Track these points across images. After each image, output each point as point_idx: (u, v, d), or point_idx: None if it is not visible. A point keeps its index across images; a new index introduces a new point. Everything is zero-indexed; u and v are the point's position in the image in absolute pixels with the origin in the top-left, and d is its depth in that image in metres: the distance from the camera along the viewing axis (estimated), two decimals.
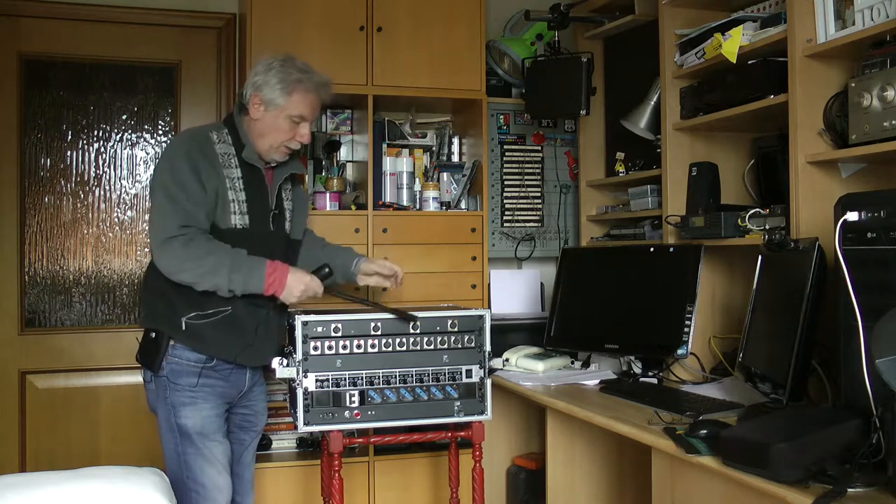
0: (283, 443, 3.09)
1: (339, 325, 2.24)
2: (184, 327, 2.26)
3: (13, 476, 1.96)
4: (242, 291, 2.21)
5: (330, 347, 2.23)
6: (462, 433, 2.43)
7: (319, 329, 2.22)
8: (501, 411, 3.27)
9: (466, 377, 2.35)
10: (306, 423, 2.21)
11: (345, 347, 2.24)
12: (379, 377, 2.27)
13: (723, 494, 1.74)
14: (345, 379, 2.24)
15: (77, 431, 3.30)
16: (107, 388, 3.33)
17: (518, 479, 3.27)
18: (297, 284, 2.24)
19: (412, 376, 2.30)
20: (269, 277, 2.21)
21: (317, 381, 2.22)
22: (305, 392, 2.21)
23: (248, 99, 2.34)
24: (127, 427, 3.31)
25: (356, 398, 2.24)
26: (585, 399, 2.43)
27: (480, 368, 2.36)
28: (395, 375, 2.28)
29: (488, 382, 2.36)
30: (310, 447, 3.08)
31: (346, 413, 2.24)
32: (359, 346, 2.25)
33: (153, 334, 2.30)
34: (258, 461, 2.87)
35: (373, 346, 2.26)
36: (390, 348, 2.28)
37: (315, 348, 2.22)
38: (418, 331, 2.30)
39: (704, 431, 1.83)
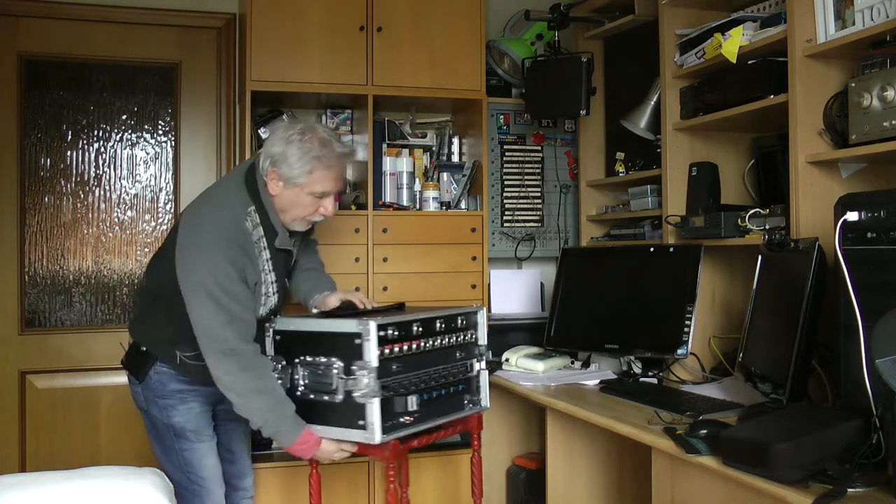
0: None
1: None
2: (178, 361, 2.28)
3: (13, 476, 1.97)
4: (268, 435, 2.23)
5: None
6: (461, 425, 2.46)
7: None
8: (501, 411, 3.27)
9: (469, 371, 2.41)
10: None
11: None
12: (419, 380, 2.26)
13: (723, 494, 1.74)
14: (400, 384, 2.19)
15: (77, 431, 3.30)
16: (107, 388, 3.33)
17: (518, 479, 3.27)
18: (324, 455, 2.24)
19: (434, 376, 2.31)
20: (300, 444, 2.20)
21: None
22: None
23: (265, 172, 2.22)
24: (127, 427, 3.31)
25: (413, 403, 2.20)
26: (585, 399, 2.43)
27: (478, 362, 2.42)
28: (428, 376, 2.28)
29: (485, 374, 2.41)
30: None
31: (402, 419, 2.19)
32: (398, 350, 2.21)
33: (144, 348, 2.32)
34: (257, 461, 2.89)
35: (408, 349, 2.23)
36: (411, 351, 2.24)
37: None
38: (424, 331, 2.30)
39: (704, 431, 1.83)
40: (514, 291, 3.49)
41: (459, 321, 2.40)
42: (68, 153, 3.37)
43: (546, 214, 3.61)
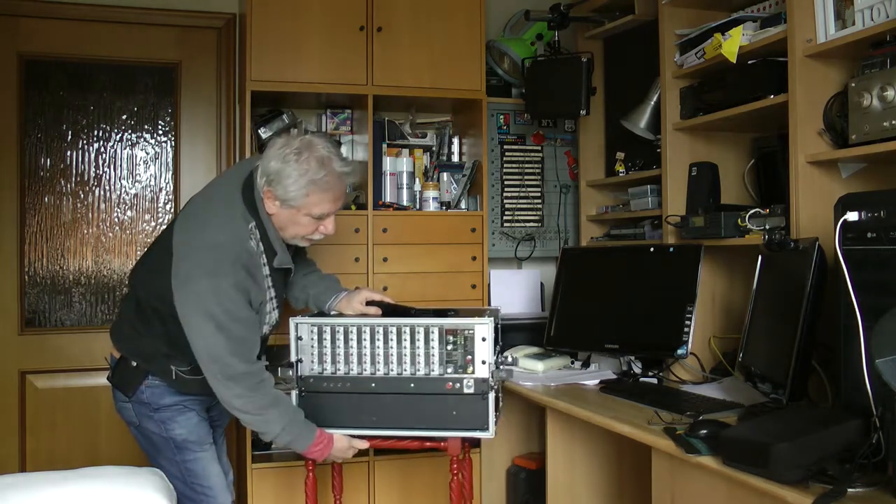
0: None
1: None
2: (174, 376, 2.19)
3: (13, 476, 1.96)
4: (283, 446, 2.26)
5: None
6: None
7: None
8: (501, 411, 3.27)
9: None
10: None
11: None
12: None
13: (723, 494, 1.74)
14: None
15: (77, 431, 3.30)
16: (106, 388, 3.24)
17: (518, 479, 3.27)
18: (339, 454, 2.28)
19: None
20: (315, 447, 2.21)
21: None
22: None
23: (261, 189, 2.13)
24: (127, 427, 3.31)
25: None
26: (585, 399, 2.43)
27: None
28: None
29: None
30: None
31: None
32: None
33: (135, 363, 2.22)
34: (258, 461, 2.95)
35: None
36: None
37: None
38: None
39: (704, 431, 1.83)
40: (514, 291, 3.49)
41: None
42: (68, 153, 3.37)
43: (546, 214, 3.61)
